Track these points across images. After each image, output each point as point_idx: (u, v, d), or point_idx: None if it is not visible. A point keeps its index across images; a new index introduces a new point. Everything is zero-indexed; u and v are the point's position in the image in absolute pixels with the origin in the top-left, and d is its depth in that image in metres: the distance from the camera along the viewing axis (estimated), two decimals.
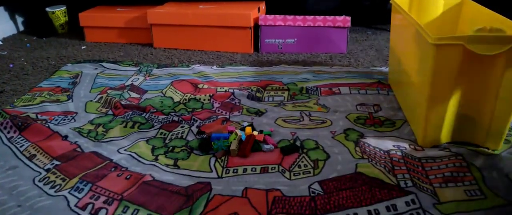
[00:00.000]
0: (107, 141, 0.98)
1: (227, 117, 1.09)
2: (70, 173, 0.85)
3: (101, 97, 1.23)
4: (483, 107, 0.84)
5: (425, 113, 0.86)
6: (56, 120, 1.10)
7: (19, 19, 2.13)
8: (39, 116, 1.11)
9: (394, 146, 0.92)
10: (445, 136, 0.89)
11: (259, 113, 1.10)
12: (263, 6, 1.79)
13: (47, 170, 0.86)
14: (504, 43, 0.75)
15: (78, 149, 0.94)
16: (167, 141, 0.97)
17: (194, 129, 1.02)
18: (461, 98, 0.84)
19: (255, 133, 0.97)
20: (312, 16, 1.59)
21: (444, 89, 0.82)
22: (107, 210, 0.74)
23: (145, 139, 0.98)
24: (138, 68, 1.48)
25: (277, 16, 1.60)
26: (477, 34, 0.77)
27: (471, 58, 0.78)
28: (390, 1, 1.18)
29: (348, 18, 1.57)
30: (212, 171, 0.85)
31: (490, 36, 0.76)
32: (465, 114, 0.86)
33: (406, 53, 1.02)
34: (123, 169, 0.86)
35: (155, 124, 1.06)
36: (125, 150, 0.94)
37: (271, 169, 0.84)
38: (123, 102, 1.17)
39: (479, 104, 0.84)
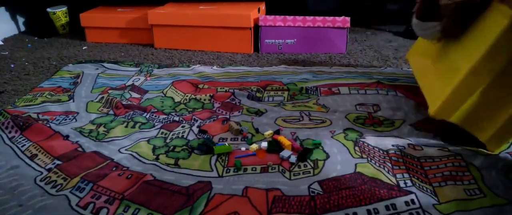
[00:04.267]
0: (108, 141, 0.98)
1: (227, 116, 1.09)
2: (72, 172, 0.85)
3: (102, 97, 1.24)
4: (504, 107, 0.82)
5: (457, 84, 0.83)
6: (58, 119, 1.10)
7: (20, 20, 2.14)
8: (40, 115, 1.12)
9: (393, 145, 0.92)
10: (458, 115, 0.87)
11: (259, 113, 1.11)
12: (263, 6, 1.79)
13: (49, 170, 0.87)
14: None
15: (79, 149, 0.95)
16: (167, 141, 0.98)
17: (194, 128, 1.02)
18: (495, 87, 0.82)
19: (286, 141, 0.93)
20: (311, 17, 1.60)
21: (491, 68, 0.79)
22: (108, 209, 0.74)
23: (146, 139, 0.99)
24: (139, 68, 1.49)
25: (277, 16, 1.61)
26: None
27: None
28: None
29: (348, 18, 1.58)
30: (212, 170, 0.85)
31: None
32: (488, 104, 0.84)
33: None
34: (124, 168, 0.87)
35: (156, 123, 1.06)
36: (126, 150, 0.94)
37: (271, 169, 0.85)
38: (124, 103, 1.18)
39: (503, 102, 0.82)
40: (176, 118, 1.08)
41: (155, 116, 1.11)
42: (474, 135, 0.88)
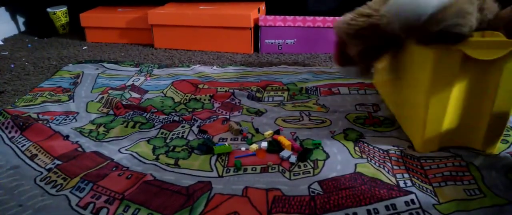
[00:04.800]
0: (108, 141, 0.98)
1: (227, 116, 1.09)
2: (72, 172, 0.85)
3: (102, 97, 1.24)
4: (481, 112, 0.84)
5: (423, 119, 0.85)
6: (58, 119, 1.10)
7: (20, 20, 2.14)
8: (40, 115, 1.12)
9: (393, 145, 0.92)
10: (443, 141, 0.89)
11: (259, 113, 1.11)
12: (263, 6, 1.79)
13: (49, 170, 0.87)
14: (503, 48, 0.75)
15: (79, 149, 0.95)
16: (167, 141, 0.98)
17: (194, 128, 1.02)
18: (459, 103, 0.84)
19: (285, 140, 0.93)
20: (312, 17, 1.60)
21: (443, 95, 0.82)
22: (108, 209, 0.74)
23: (146, 139, 0.99)
24: (139, 68, 1.49)
25: (277, 16, 1.61)
26: (477, 39, 0.77)
27: (470, 63, 0.78)
28: None
29: None
30: (212, 170, 0.85)
31: (490, 41, 0.76)
32: (464, 118, 0.86)
33: (400, 58, 1.01)
34: (124, 168, 0.87)
35: (156, 123, 1.06)
36: (126, 150, 0.94)
37: (271, 169, 0.85)
38: (124, 103, 1.18)
39: (477, 109, 0.84)
40: (176, 118, 1.08)
41: (155, 116, 1.11)
42: (468, 146, 0.89)
